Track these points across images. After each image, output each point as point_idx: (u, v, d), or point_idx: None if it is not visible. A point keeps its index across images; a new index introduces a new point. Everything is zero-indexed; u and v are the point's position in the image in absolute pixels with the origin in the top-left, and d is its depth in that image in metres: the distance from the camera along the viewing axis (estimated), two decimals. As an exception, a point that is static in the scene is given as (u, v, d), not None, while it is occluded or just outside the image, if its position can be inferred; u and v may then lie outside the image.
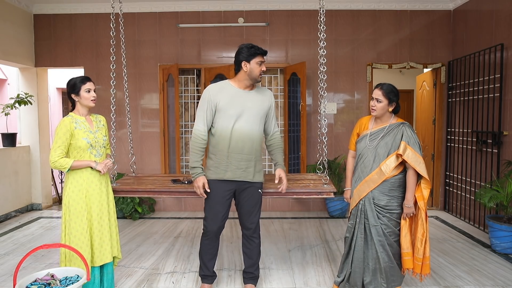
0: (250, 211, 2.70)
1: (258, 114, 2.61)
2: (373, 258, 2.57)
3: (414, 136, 2.50)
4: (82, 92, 2.49)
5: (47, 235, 4.29)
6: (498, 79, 4.10)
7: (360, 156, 2.65)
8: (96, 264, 2.52)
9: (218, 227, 2.69)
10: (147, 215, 5.14)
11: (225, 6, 5.16)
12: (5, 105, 4.83)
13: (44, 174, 5.52)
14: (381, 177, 2.51)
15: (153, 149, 5.34)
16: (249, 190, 2.66)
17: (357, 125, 2.76)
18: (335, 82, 5.24)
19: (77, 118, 2.51)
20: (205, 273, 2.81)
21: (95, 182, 2.52)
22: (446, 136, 5.25)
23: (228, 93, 2.59)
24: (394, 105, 2.56)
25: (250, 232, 2.74)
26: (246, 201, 2.68)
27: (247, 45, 2.58)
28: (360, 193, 2.59)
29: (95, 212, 2.51)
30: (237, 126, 2.56)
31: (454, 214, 5.06)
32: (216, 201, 2.64)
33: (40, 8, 5.26)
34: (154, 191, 2.98)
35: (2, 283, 3.05)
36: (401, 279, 2.63)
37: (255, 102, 2.61)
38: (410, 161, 2.43)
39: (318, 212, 5.26)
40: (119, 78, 3.67)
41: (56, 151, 2.39)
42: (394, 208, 2.54)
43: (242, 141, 2.57)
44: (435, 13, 5.16)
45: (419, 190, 2.51)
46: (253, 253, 2.78)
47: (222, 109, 2.57)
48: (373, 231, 2.55)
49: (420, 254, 2.50)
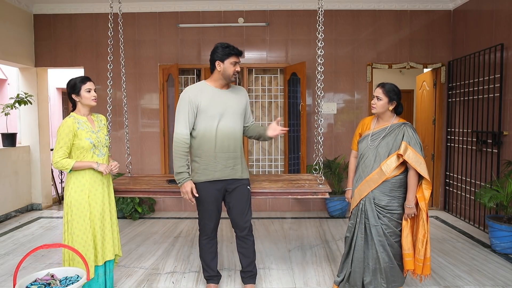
0: (243, 210, 2.69)
1: (237, 112, 2.65)
2: (373, 258, 2.57)
3: (415, 136, 2.50)
4: (83, 92, 2.49)
5: (47, 235, 4.29)
6: (498, 79, 4.09)
7: (362, 156, 2.65)
8: (100, 263, 2.53)
9: (215, 226, 2.73)
10: (147, 215, 5.14)
11: (225, 6, 5.16)
12: (5, 105, 4.83)
13: (44, 174, 5.52)
14: (382, 177, 2.51)
15: (153, 149, 5.34)
16: (238, 189, 2.66)
17: (360, 125, 2.77)
18: (335, 82, 5.23)
19: (79, 118, 2.51)
20: (209, 273, 2.82)
21: (98, 182, 2.52)
22: (446, 136, 5.25)
23: (207, 94, 2.59)
24: (394, 103, 2.56)
25: (245, 232, 2.71)
26: (238, 200, 2.67)
27: (222, 44, 2.57)
28: (361, 193, 2.59)
29: (98, 212, 2.51)
30: (221, 126, 2.57)
31: (454, 214, 5.06)
32: (208, 201, 2.65)
33: (40, 8, 5.27)
34: (149, 191, 2.99)
35: (2, 283, 3.05)
36: (402, 280, 2.62)
37: (233, 101, 2.64)
38: (411, 161, 2.43)
39: (318, 212, 5.26)
40: (118, 78, 3.68)
41: (58, 151, 2.39)
42: (395, 208, 2.54)
43: (227, 140, 2.59)
44: (435, 13, 5.16)
45: (420, 191, 2.50)
46: (249, 251, 2.77)
47: (204, 110, 2.56)
48: (373, 231, 2.55)
49: (421, 255, 2.49)
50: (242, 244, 2.76)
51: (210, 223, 2.70)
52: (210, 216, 2.68)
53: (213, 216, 2.68)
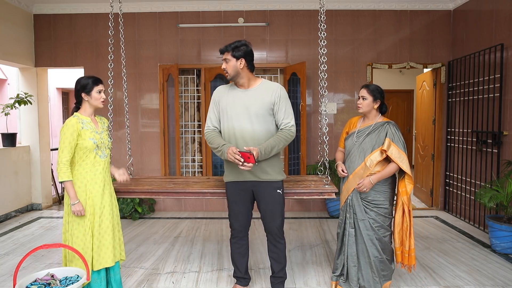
0: (271, 213, 2.62)
1: (259, 113, 2.52)
2: (363, 252, 2.67)
3: (398, 133, 2.62)
4: (94, 93, 2.49)
5: (47, 235, 4.29)
6: (498, 79, 4.09)
7: (348, 153, 2.79)
8: (95, 268, 2.46)
9: (241, 227, 2.70)
10: (147, 215, 5.14)
11: (225, 6, 5.16)
12: (5, 105, 4.83)
13: (44, 174, 5.52)
14: (366, 172, 2.62)
15: (153, 149, 5.34)
16: (266, 191, 2.59)
17: (347, 124, 2.92)
18: (335, 82, 5.24)
19: (83, 118, 2.50)
20: (237, 274, 2.83)
21: (98, 184, 2.50)
22: (446, 136, 5.25)
23: (229, 94, 2.60)
24: (378, 102, 2.71)
25: (274, 236, 2.67)
26: (266, 202, 2.61)
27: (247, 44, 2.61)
28: (348, 189, 2.72)
29: (97, 215, 2.49)
30: (239, 127, 2.53)
31: (454, 214, 5.06)
32: (232, 201, 2.67)
33: (40, 8, 5.27)
34: (151, 192, 2.99)
35: (2, 283, 3.05)
36: (391, 273, 2.73)
37: (255, 101, 2.54)
38: (394, 157, 2.56)
39: (318, 212, 5.26)
40: (118, 78, 3.68)
41: (63, 151, 2.38)
42: (381, 203, 2.64)
43: (244, 141, 2.52)
44: (435, 13, 5.17)
45: (403, 185, 2.66)
46: (281, 256, 2.72)
47: (224, 109, 2.59)
48: (361, 225, 2.65)
49: (407, 247, 2.66)
50: (272, 248, 2.72)
51: (235, 223, 2.69)
52: (235, 215, 2.68)
53: (239, 216, 2.67)
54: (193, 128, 5.40)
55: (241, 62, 2.54)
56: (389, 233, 2.68)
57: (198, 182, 3.25)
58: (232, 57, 2.54)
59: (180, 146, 5.29)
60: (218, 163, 5.30)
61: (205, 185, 3.12)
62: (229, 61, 2.54)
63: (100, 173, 2.50)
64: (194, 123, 5.38)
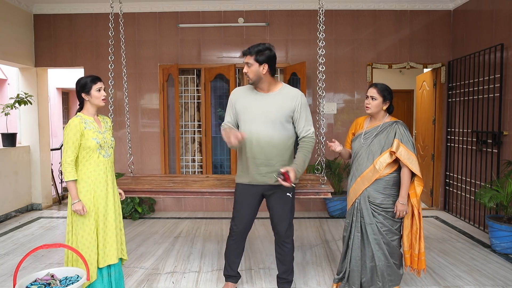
0: (280, 215, 2.61)
1: (277, 119, 2.46)
2: (369, 256, 2.59)
3: (407, 134, 2.53)
4: (93, 92, 2.49)
5: (47, 235, 4.29)
6: (498, 79, 4.09)
7: (355, 154, 2.69)
8: (100, 265, 2.50)
9: (244, 228, 2.68)
10: (147, 215, 5.14)
11: (225, 6, 5.16)
12: (5, 105, 4.83)
13: (44, 174, 5.52)
14: (375, 175, 2.53)
15: (153, 149, 5.34)
16: (276, 194, 2.58)
17: (353, 125, 2.81)
18: (335, 82, 5.24)
19: (86, 118, 2.50)
20: (229, 273, 2.82)
21: (102, 183, 2.50)
22: (446, 136, 5.25)
23: (247, 96, 2.55)
24: (388, 103, 2.61)
25: (281, 237, 2.66)
26: (275, 205, 2.61)
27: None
28: (356, 192, 2.62)
29: (101, 213, 2.50)
30: (255, 131, 2.49)
31: (454, 214, 5.06)
32: (242, 203, 2.64)
33: (40, 8, 5.26)
34: (151, 191, 2.99)
35: (2, 283, 3.05)
36: (399, 278, 2.64)
37: (273, 106, 2.48)
38: (403, 158, 2.47)
39: (318, 212, 5.26)
40: (119, 78, 3.68)
41: (67, 151, 2.39)
42: (389, 206, 2.56)
43: (259, 146, 2.48)
44: (435, 13, 5.17)
45: (412, 187, 2.55)
46: (286, 259, 2.71)
47: (240, 112, 2.55)
48: (368, 229, 2.57)
49: (416, 250, 2.58)
50: (279, 249, 2.71)
51: (239, 224, 2.65)
52: (240, 217, 2.65)
53: (244, 219, 2.65)
54: (193, 128, 5.40)
55: (264, 67, 2.44)
56: (398, 237, 2.61)
57: (197, 181, 3.25)
58: (255, 61, 2.43)
59: (180, 146, 5.30)
60: (218, 163, 5.30)
61: (204, 184, 3.12)
62: (251, 65, 2.44)
63: (104, 172, 2.51)
64: (194, 123, 5.38)
